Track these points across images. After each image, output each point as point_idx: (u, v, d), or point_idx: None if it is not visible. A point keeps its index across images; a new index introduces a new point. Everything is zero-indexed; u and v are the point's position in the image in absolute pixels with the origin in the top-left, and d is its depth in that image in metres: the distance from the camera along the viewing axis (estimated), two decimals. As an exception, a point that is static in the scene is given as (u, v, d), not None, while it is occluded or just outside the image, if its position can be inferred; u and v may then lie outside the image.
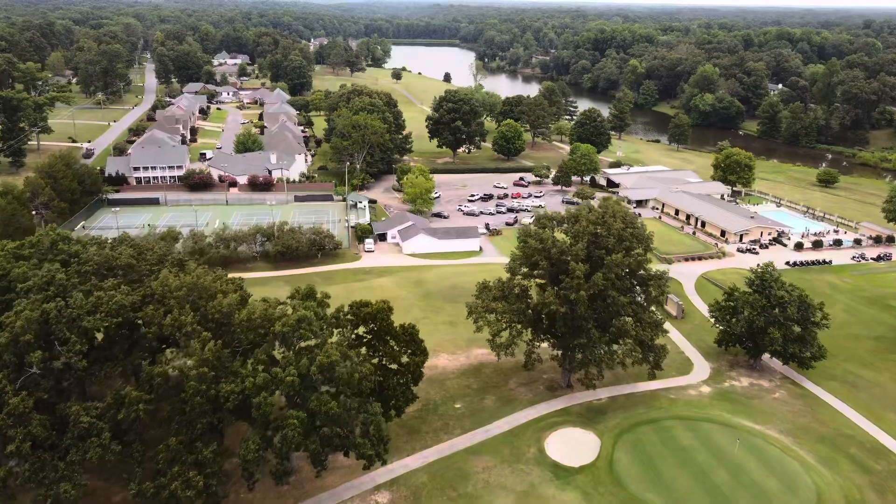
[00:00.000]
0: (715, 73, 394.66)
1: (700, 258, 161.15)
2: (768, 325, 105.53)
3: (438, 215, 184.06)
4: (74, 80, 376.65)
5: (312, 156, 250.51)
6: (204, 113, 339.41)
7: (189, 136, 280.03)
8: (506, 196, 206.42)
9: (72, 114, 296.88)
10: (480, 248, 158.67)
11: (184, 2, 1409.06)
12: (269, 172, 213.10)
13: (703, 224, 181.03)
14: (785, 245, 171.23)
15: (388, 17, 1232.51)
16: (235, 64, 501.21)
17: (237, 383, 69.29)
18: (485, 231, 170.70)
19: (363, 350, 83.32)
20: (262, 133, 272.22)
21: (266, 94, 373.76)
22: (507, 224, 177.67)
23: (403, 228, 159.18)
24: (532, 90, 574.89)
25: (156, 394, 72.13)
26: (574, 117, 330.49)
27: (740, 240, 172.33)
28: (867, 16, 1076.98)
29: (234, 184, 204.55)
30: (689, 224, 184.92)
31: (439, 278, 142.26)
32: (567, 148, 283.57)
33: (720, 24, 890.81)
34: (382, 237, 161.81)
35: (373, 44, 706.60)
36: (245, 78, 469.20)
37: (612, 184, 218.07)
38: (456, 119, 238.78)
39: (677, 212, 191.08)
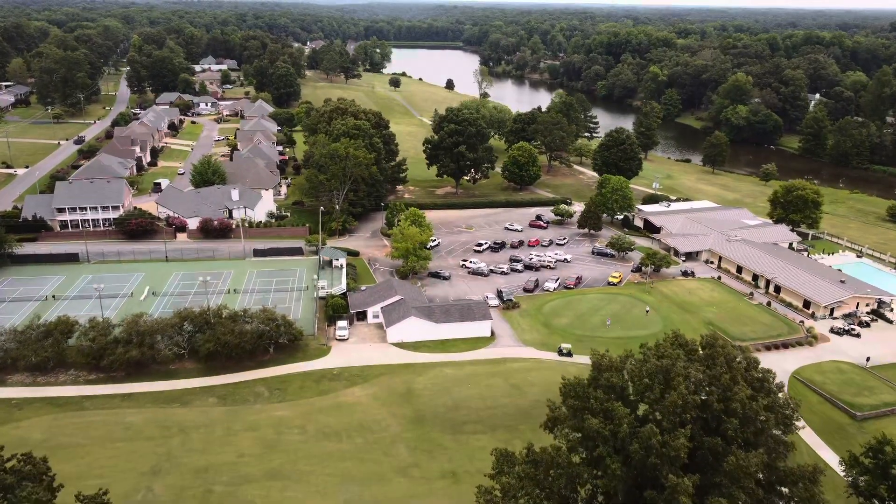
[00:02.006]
0: (748, 83, 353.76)
1: (785, 345, 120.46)
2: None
3: (437, 275, 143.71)
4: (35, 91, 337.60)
5: (288, 185, 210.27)
6: (174, 128, 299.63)
7: (148, 160, 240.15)
8: (521, 244, 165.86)
9: (8, 132, 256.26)
10: (492, 333, 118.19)
11: (182, 3, 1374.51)
12: (230, 213, 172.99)
13: (778, 289, 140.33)
14: (891, 321, 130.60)
15: (390, 18, 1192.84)
16: (220, 70, 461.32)
17: None
18: (496, 301, 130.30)
19: None
20: (232, 155, 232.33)
21: (247, 106, 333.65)
22: (526, 290, 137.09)
23: (389, 305, 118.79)
24: (541, 97, 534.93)
25: None
26: (594, 134, 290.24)
27: (831, 313, 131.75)
28: (880, 17, 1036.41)
29: (182, 228, 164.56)
30: (756, 287, 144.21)
31: (436, 388, 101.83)
32: (589, 173, 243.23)
33: (735, 26, 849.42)
34: (361, 315, 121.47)
35: (371, 47, 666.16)
36: (228, 86, 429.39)
37: (650, 226, 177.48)
38: (459, 143, 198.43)
39: (740, 269, 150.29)
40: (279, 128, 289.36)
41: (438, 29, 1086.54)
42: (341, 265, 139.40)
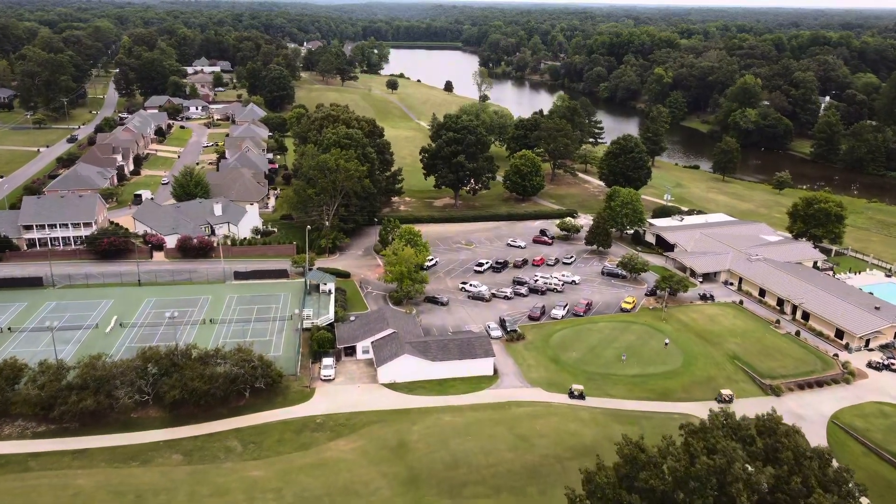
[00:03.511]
0: (757, 85, 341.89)
1: (819, 383, 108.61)
2: None
3: (434, 301, 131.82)
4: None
5: (277, 196, 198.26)
6: (161, 134, 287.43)
7: (131, 168, 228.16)
8: (524, 263, 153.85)
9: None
10: (495, 371, 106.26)
11: (180, 2, 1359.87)
12: (212, 229, 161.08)
13: (806, 315, 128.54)
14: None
15: (388, 18, 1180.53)
16: (213, 72, 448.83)
17: None
18: (499, 332, 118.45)
19: None
20: (218, 163, 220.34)
21: (238, 110, 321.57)
22: (532, 318, 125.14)
23: (380, 340, 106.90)
24: (542, 99, 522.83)
25: None
26: (599, 140, 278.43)
27: (866, 345, 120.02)
28: (882, 16, 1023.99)
29: (160, 246, 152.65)
30: (782, 312, 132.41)
31: (433, 440, 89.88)
32: (595, 182, 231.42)
33: (738, 26, 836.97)
34: (350, 350, 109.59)
35: (368, 48, 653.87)
36: (221, 88, 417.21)
37: (663, 243, 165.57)
38: (458, 152, 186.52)
39: (763, 293, 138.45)
40: (270, 133, 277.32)
41: (437, 29, 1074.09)
42: (329, 290, 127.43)
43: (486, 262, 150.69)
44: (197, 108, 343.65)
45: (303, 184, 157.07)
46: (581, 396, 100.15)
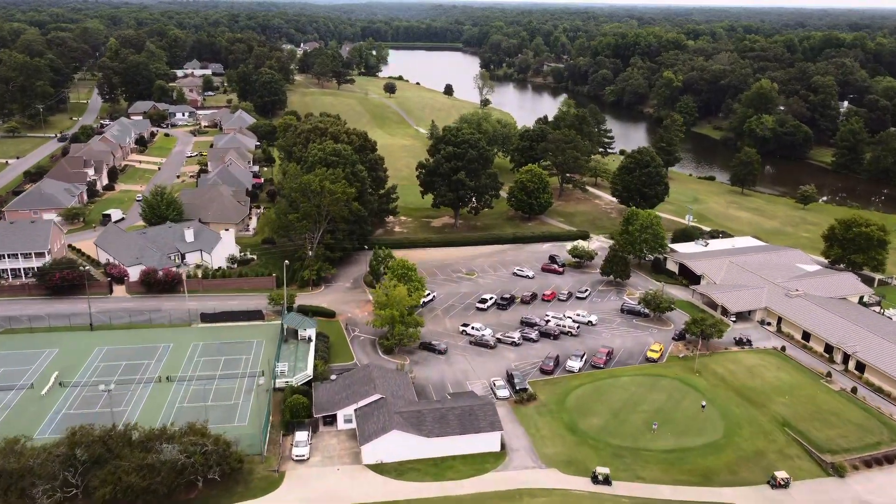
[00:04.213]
0: (773, 90, 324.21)
1: (889, 459, 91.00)
2: None
3: (430, 348, 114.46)
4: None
5: (259, 216, 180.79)
6: (143, 143, 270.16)
7: (105, 182, 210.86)
8: (533, 298, 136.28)
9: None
10: (503, 446, 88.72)
11: (177, 3, 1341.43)
12: (182, 258, 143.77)
13: (861, 366, 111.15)
14: None
15: (387, 19, 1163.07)
16: (203, 76, 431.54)
17: None
18: (506, 391, 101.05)
19: None
20: (199, 177, 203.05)
21: (225, 117, 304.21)
22: (544, 372, 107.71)
23: (365, 408, 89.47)
24: (545, 102, 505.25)
25: None
26: (609, 150, 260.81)
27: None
28: (888, 16, 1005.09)
29: (121, 279, 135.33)
30: (832, 361, 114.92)
31: (425, 547, 72.53)
32: (606, 198, 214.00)
33: (745, 27, 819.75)
34: (330, 419, 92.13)
35: (366, 49, 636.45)
36: (210, 93, 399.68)
37: (687, 272, 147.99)
38: (458, 169, 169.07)
39: (806, 336, 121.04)
40: (258, 143, 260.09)
41: (437, 30, 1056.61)
42: (309, 337, 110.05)
43: (490, 298, 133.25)
44: (184, 114, 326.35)
45: (284, 206, 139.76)
46: (607, 482, 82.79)
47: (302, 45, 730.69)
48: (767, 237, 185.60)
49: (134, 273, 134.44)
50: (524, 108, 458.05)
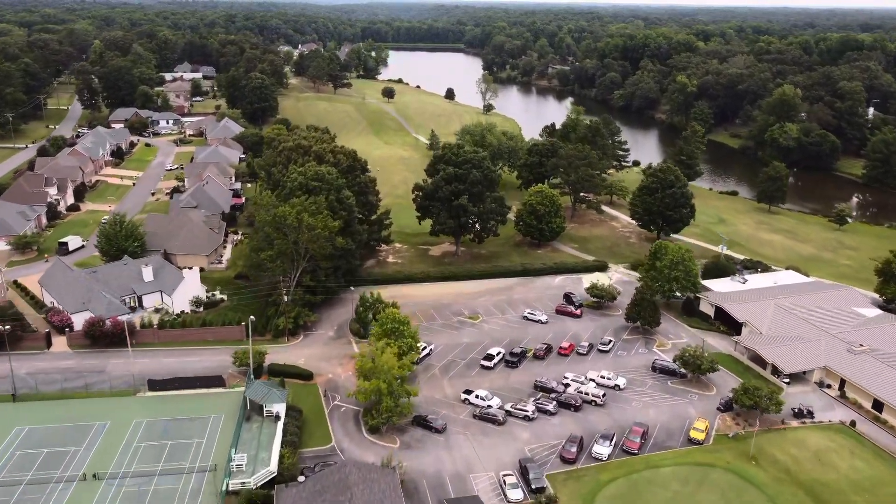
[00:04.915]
0: (796, 96, 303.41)
1: None
2: None
3: (425, 424, 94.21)
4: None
5: (235, 244, 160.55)
6: (120, 155, 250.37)
7: (70, 202, 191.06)
8: (548, 351, 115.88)
9: None
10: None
11: (176, 3, 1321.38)
12: (139, 301, 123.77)
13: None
14: None
15: (388, 19, 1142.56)
16: (193, 79, 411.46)
17: None
18: (519, 493, 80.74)
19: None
20: (172, 196, 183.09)
21: (211, 125, 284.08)
22: (565, 460, 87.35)
23: (339, 529, 69.16)
24: (551, 106, 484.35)
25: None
26: (623, 163, 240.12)
27: None
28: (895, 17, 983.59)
29: (65, 328, 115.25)
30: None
31: None
32: (623, 219, 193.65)
33: (754, 27, 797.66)
34: (294, 539, 71.89)
35: (365, 50, 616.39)
36: (199, 98, 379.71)
37: (724, 316, 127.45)
38: (460, 192, 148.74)
39: (878, 405, 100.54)
40: (243, 155, 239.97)
41: (439, 30, 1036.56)
42: (277, 415, 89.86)
43: (498, 353, 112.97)
44: (168, 122, 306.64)
45: (259, 241, 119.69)
46: None
47: (300, 45, 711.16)
48: (805, 266, 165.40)
49: (79, 321, 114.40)
50: (529, 113, 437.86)
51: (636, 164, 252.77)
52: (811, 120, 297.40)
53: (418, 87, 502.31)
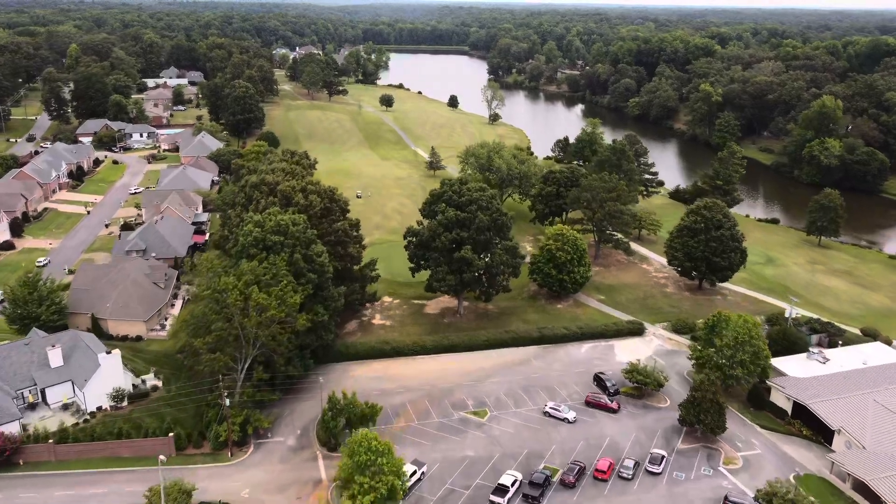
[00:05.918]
0: (838, 109, 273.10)
1: None
2: None
3: None
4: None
5: (185, 301, 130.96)
6: (79, 176, 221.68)
7: (6, 237, 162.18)
8: (580, 475, 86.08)
9: None
10: None
11: (175, 3, 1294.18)
12: (41, 396, 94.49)
13: None
14: None
15: (391, 20, 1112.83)
16: (177, 86, 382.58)
17: None
18: None
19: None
20: (120, 236, 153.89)
21: (185, 140, 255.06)
22: None
23: None
24: (560, 114, 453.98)
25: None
26: (651, 188, 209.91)
27: None
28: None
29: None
30: None
31: None
32: (655, 260, 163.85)
33: (769, 30, 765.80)
34: None
35: (365, 54, 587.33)
36: (180, 107, 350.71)
37: (803, 413, 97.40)
38: (462, 241, 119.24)
39: None
40: (217, 178, 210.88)
41: (443, 32, 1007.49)
42: None
43: (513, 482, 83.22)
44: (142, 135, 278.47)
45: (195, 322, 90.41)
46: None
47: (298, 49, 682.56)
48: (882, 325, 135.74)
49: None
50: (536, 121, 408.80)
51: (660, 184, 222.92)
52: (855, 135, 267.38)
53: (419, 93, 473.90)
